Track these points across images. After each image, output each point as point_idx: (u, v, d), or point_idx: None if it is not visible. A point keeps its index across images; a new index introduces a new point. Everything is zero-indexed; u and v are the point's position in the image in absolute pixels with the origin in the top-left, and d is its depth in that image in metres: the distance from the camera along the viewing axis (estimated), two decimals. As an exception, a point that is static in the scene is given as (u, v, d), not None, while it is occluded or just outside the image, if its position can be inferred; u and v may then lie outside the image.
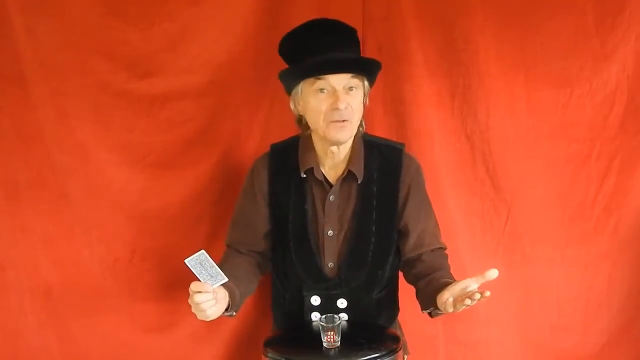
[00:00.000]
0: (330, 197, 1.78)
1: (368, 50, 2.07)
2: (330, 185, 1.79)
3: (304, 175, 1.79)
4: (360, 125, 1.78)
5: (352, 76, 1.70)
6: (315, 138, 1.80)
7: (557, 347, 2.27)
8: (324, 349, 1.58)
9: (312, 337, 1.65)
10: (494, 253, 2.20)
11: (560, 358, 2.28)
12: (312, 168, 1.78)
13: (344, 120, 1.69)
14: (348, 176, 1.78)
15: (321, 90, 1.69)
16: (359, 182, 1.77)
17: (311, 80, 1.70)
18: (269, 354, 1.60)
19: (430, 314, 1.74)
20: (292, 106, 1.80)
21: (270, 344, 1.66)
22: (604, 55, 2.09)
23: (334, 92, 1.68)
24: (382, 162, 1.81)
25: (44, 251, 2.09)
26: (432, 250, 1.83)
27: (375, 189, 1.79)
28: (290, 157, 1.82)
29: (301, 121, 1.81)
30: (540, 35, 2.08)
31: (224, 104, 2.11)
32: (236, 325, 2.20)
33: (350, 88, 1.70)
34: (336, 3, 2.07)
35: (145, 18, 2.02)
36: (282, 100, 2.10)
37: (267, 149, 2.10)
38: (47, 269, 2.10)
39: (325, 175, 1.80)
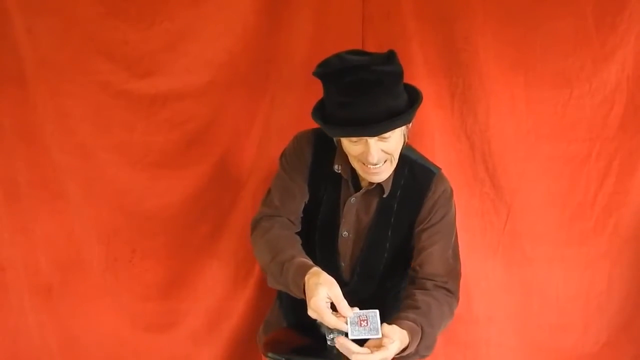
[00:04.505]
0: (352, 200, 1.71)
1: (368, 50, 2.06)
2: (357, 189, 1.72)
3: (339, 171, 1.72)
4: (404, 136, 1.65)
5: None
6: None
7: (556, 347, 2.27)
8: (327, 346, 1.57)
9: (312, 337, 1.65)
10: (494, 253, 2.20)
11: (559, 358, 2.28)
12: (341, 166, 1.70)
13: (378, 165, 1.59)
14: (377, 186, 1.69)
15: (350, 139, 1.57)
16: (384, 195, 1.70)
17: None
18: (269, 354, 1.60)
19: None
20: None
21: (270, 344, 1.66)
22: (603, 56, 2.09)
23: (365, 142, 1.54)
24: (410, 181, 1.71)
25: (44, 251, 2.09)
26: (436, 286, 1.67)
27: (395, 205, 1.72)
28: (330, 146, 1.72)
29: None
30: (540, 36, 2.07)
31: (224, 104, 2.11)
32: (236, 325, 2.20)
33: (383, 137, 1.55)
34: (336, 3, 2.07)
35: (145, 18, 2.02)
36: (282, 100, 2.11)
37: (267, 149, 2.10)
38: (47, 269, 2.10)
39: (359, 176, 1.72)
